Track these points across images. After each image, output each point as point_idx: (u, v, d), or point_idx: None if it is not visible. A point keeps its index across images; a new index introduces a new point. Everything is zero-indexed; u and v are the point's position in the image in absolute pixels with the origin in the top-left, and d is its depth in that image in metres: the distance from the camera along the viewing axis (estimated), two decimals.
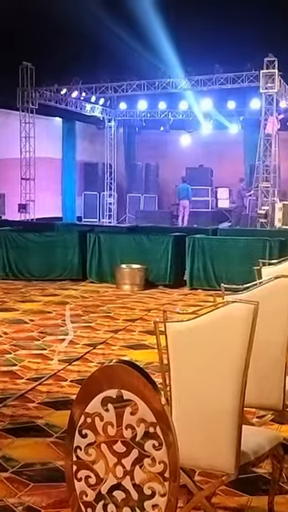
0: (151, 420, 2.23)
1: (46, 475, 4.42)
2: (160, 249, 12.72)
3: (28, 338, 8.30)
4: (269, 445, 3.69)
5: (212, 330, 3.30)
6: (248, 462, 3.46)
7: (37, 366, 6.99)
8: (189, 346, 3.34)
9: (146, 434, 2.24)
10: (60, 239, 13.50)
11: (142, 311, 10.16)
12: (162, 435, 2.23)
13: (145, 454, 2.25)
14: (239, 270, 10.96)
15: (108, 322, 9.38)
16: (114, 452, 2.29)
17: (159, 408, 2.23)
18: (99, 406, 2.30)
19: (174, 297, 11.66)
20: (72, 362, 7.13)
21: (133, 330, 8.83)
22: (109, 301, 11.15)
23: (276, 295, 4.16)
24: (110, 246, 13.08)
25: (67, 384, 6.36)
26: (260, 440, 3.67)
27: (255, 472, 4.39)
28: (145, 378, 2.23)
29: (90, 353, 7.52)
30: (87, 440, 2.33)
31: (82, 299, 11.29)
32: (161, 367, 3.53)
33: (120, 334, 8.58)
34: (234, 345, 3.28)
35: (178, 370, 3.37)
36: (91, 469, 2.34)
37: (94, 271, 13.12)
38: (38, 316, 9.68)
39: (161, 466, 2.24)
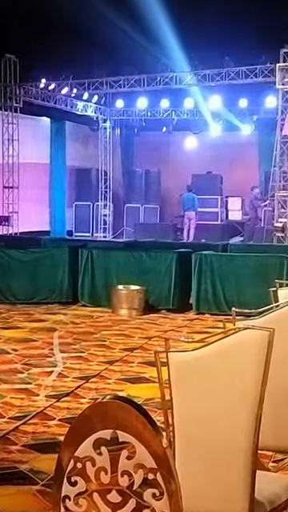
0: (151, 465, 2.23)
1: None
2: (162, 267, 12.72)
3: (11, 370, 8.27)
4: (287, 494, 3.68)
5: (221, 361, 3.30)
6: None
7: (20, 403, 6.97)
8: (195, 379, 3.34)
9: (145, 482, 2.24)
10: (47, 256, 13.51)
11: (142, 339, 10.14)
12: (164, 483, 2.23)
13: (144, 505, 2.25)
14: (253, 291, 10.96)
15: (103, 351, 9.36)
16: (108, 502, 2.29)
17: (160, 451, 2.22)
18: (91, 449, 2.29)
19: (179, 322, 11.65)
20: (61, 398, 7.11)
21: (131, 360, 8.81)
22: (103, 327, 11.14)
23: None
24: (104, 264, 13.09)
25: (55, 423, 6.34)
26: (276, 488, 3.66)
27: None
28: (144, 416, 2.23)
29: (82, 387, 7.50)
30: (77, 488, 2.33)
31: (72, 325, 11.28)
32: (162, 404, 3.52)
33: (116, 365, 8.56)
34: (246, 377, 3.27)
35: (182, 407, 3.37)
36: None
37: (86, 293, 13.12)
38: (23, 345, 9.65)
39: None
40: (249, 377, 3.27)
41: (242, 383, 3.28)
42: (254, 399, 3.28)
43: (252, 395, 3.28)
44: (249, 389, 3.28)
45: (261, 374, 3.27)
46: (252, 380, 3.27)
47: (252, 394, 3.28)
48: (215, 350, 3.31)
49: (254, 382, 3.27)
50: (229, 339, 3.30)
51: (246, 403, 3.28)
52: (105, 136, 25.41)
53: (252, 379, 3.27)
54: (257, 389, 3.28)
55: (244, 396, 3.28)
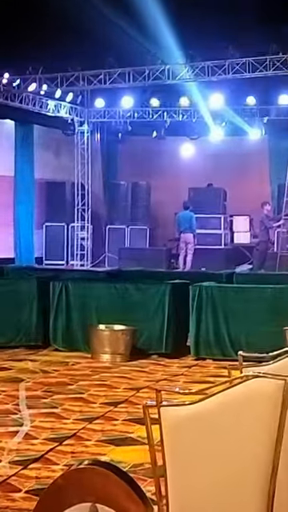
0: None
1: None
2: (153, 303, 12.76)
3: None
4: None
5: (226, 417, 3.31)
6: None
7: None
8: (193, 439, 3.35)
9: None
10: (12, 290, 13.53)
11: (128, 391, 10.14)
12: None
13: None
14: (264, 331, 10.97)
15: (80, 406, 9.34)
16: None
17: None
18: None
19: (174, 370, 11.65)
20: (28, 464, 7.08)
21: (115, 417, 8.80)
22: (81, 376, 11.13)
23: None
24: (82, 300, 13.12)
25: (21, 496, 6.30)
26: None
27: None
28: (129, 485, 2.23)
29: (54, 451, 7.47)
30: None
31: (42, 374, 11.26)
32: (154, 471, 3.52)
33: (96, 423, 8.55)
34: (257, 438, 3.28)
35: (178, 474, 3.37)
36: None
37: (59, 335, 13.13)
38: None
39: None
40: (260, 437, 3.28)
41: (251, 445, 3.29)
42: (266, 464, 3.28)
43: (264, 460, 3.28)
44: (260, 451, 3.29)
45: (275, 432, 3.28)
46: (264, 441, 3.28)
47: (264, 458, 3.28)
48: (218, 403, 3.32)
49: (266, 443, 3.28)
50: (235, 390, 3.31)
51: (257, 470, 3.28)
52: (82, 142, 25.50)
53: (264, 440, 3.28)
54: (270, 451, 3.29)
55: (254, 461, 3.29)
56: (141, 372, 11.49)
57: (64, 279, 13.64)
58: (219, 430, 3.32)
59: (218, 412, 3.32)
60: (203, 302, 12.39)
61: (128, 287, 13.14)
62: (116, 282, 14.01)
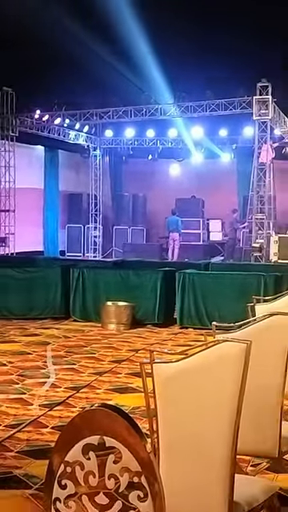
0: (136, 469, 2.22)
1: None
2: (148, 285, 12.72)
3: (6, 381, 8.23)
4: (264, 496, 3.66)
5: (202, 372, 3.29)
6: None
7: (15, 412, 6.93)
8: (178, 388, 3.33)
9: (131, 485, 2.23)
10: (41, 275, 13.48)
11: (129, 352, 10.12)
12: (148, 485, 2.22)
13: (129, 506, 2.23)
14: (232, 307, 10.89)
15: (92, 363, 9.33)
16: (96, 504, 2.27)
17: (145, 456, 2.21)
18: (80, 454, 2.28)
19: (163, 336, 11.62)
20: (53, 407, 7.08)
21: (119, 371, 8.79)
22: (93, 341, 11.11)
23: (271, 334, 4.16)
24: (94, 282, 13.07)
25: (48, 431, 6.30)
26: (254, 490, 3.64)
27: None
28: (129, 423, 2.22)
29: (73, 397, 7.47)
30: (67, 491, 2.31)
31: (64, 339, 11.24)
32: (148, 412, 3.51)
33: (105, 376, 8.54)
34: (225, 387, 3.27)
35: (165, 415, 3.35)
36: None
37: (77, 309, 13.09)
38: (18, 357, 9.61)
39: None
40: (228, 387, 3.27)
41: (221, 393, 3.28)
42: (232, 408, 3.27)
43: (231, 404, 3.27)
44: (228, 398, 3.27)
45: (239, 384, 3.27)
46: (231, 390, 3.27)
47: (231, 403, 3.27)
48: (196, 361, 3.30)
49: (232, 392, 3.27)
50: (209, 351, 3.30)
51: (225, 412, 3.27)
52: (95, 163, 25.46)
53: (231, 389, 3.27)
54: (235, 398, 3.27)
55: (223, 405, 3.27)
56: (138, 337, 11.47)
57: (81, 267, 13.58)
58: (197, 381, 3.30)
59: (197, 367, 3.30)
60: (186, 284, 12.37)
61: (129, 273, 13.11)
62: (120, 269, 13.97)
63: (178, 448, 3.34)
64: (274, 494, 3.76)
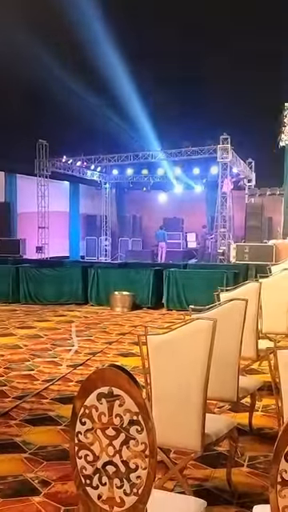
0: (135, 410, 2.22)
1: (56, 455, 4.36)
2: (144, 279, 12.72)
3: (43, 348, 8.23)
4: (226, 428, 3.67)
5: (182, 341, 3.30)
6: (211, 442, 3.45)
7: (49, 370, 6.93)
8: (164, 353, 3.34)
9: (131, 422, 2.22)
10: (67, 273, 13.48)
11: (130, 327, 10.12)
12: (144, 422, 2.21)
13: (130, 437, 2.23)
14: (203, 295, 10.86)
15: (104, 335, 9.33)
16: (107, 435, 2.27)
17: (141, 401, 2.21)
18: (95, 399, 2.28)
19: (155, 316, 11.63)
20: (76, 367, 7.08)
21: (123, 341, 8.79)
22: (105, 319, 11.11)
23: (231, 314, 4.17)
24: (105, 278, 13.07)
25: (73, 384, 6.31)
26: (220, 425, 3.65)
27: (216, 450, 4.35)
28: (129, 377, 2.22)
29: (90, 360, 7.48)
30: (86, 427, 2.31)
31: (84, 318, 11.24)
32: (143, 370, 3.52)
33: (113, 345, 8.54)
34: (199, 351, 3.28)
35: (156, 372, 3.36)
36: (89, 449, 2.31)
37: (93, 297, 13.08)
38: (51, 331, 9.61)
39: (142, 446, 2.21)
40: (200, 351, 3.28)
41: (196, 356, 3.28)
42: (204, 366, 3.28)
43: (202, 364, 3.28)
44: (200, 359, 3.28)
45: (208, 349, 3.28)
46: (203, 353, 3.28)
47: (202, 363, 3.28)
48: (178, 333, 3.31)
49: (204, 355, 3.28)
50: (187, 326, 3.31)
51: (199, 369, 3.28)
52: (105, 193, 25.43)
53: (203, 353, 3.28)
54: (206, 359, 3.28)
55: (197, 364, 3.28)
56: (137, 317, 11.47)
57: (96, 267, 13.58)
58: (179, 347, 3.31)
59: (179, 338, 3.31)
60: (170, 279, 12.37)
61: (130, 271, 13.11)
62: (123, 268, 13.96)
63: (165, 395, 3.34)
64: (234, 427, 3.77)
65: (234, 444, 3.84)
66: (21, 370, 6.91)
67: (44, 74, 16.35)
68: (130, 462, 2.22)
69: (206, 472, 4.07)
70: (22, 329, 9.85)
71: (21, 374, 6.72)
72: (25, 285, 13.27)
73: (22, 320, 10.87)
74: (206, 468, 4.12)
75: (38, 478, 3.97)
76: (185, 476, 3.76)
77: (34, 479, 3.94)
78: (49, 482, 3.90)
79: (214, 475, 4.01)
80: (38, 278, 13.29)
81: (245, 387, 4.47)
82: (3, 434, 4.78)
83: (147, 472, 2.20)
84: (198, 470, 4.09)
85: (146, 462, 2.20)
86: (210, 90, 17.66)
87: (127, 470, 2.22)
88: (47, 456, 4.34)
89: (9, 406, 5.50)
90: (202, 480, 3.94)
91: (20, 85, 16.51)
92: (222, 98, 17.71)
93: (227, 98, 17.75)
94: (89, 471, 2.29)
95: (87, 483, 2.31)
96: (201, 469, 4.11)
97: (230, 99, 17.63)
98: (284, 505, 2.03)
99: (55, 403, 5.62)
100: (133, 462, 2.21)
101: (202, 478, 3.98)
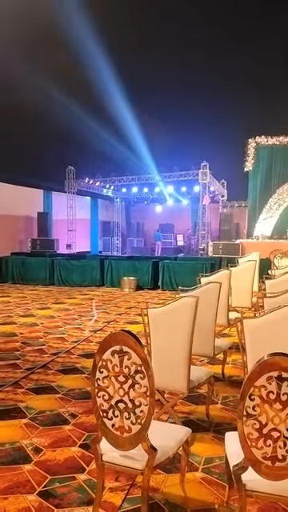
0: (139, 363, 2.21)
1: (82, 395, 4.34)
2: (145, 268, 12.69)
3: (71, 318, 8.22)
4: (206, 376, 3.66)
5: (173, 312, 3.29)
6: (194, 386, 3.44)
7: (76, 334, 6.92)
8: (160, 321, 3.33)
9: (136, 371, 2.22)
10: (89, 263, 13.45)
11: (135, 303, 10.10)
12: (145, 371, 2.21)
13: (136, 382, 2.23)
14: (189, 279, 10.91)
15: (116, 309, 9.31)
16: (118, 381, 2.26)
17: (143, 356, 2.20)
18: (110, 355, 2.27)
19: (153, 295, 11.59)
20: (96, 331, 7.08)
21: (130, 313, 8.77)
22: (116, 297, 11.08)
23: (208, 293, 4.16)
24: (117, 267, 13.04)
25: (93, 344, 6.30)
26: (201, 374, 3.65)
27: (198, 391, 4.35)
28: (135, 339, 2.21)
29: (106, 327, 7.47)
30: (103, 375, 2.31)
31: (101, 297, 11.22)
32: (145, 334, 3.51)
33: (122, 316, 8.52)
34: (185, 320, 3.27)
35: (154, 335, 3.36)
36: (106, 391, 2.31)
37: (108, 281, 13.05)
38: (77, 307, 9.59)
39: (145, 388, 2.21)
40: (187, 320, 3.27)
41: (183, 323, 3.27)
42: (189, 331, 3.27)
43: (188, 329, 3.27)
44: (187, 326, 3.27)
45: (192, 318, 3.26)
46: (188, 322, 3.27)
47: (188, 328, 3.27)
48: (170, 307, 3.30)
49: (189, 323, 3.27)
50: (177, 302, 3.30)
51: (185, 333, 3.27)
52: (117, 205, 25.34)
53: (188, 321, 3.27)
54: (190, 326, 3.27)
55: (184, 329, 3.27)
56: (140, 296, 11.43)
57: (110, 259, 13.55)
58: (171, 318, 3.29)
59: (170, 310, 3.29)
60: (164, 268, 12.34)
61: (135, 262, 13.07)
62: (130, 260, 13.90)
63: (160, 352, 3.33)
64: (211, 375, 3.76)
65: (211, 387, 3.84)
66: (55, 334, 6.90)
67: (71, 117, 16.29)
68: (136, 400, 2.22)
69: (191, 408, 4.07)
70: (56, 304, 9.84)
71: (55, 337, 6.71)
72: (58, 272, 13.25)
73: (56, 297, 10.86)
74: (190, 405, 4.12)
75: (69, 412, 3.96)
76: (175, 411, 3.76)
77: (64, 413, 3.94)
78: (77, 415, 3.90)
79: (197, 410, 4.01)
80: (67, 267, 13.28)
81: (219, 346, 4.46)
82: (43, 380, 4.78)
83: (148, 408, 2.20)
84: (185, 406, 4.09)
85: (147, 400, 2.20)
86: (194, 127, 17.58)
87: (133, 406, 2.23)
88: (75, 396, 4.33)
89: (46, 360, 5.50)
90: (187, 413, 3.94)
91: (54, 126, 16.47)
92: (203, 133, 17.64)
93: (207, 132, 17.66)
94: (105, 407, 2.30)
95: (104, 415, 2.31)
96: (187, 405, 4.11)
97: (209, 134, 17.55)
98: (248, 432, 2.03)
99: (81, 358, 5.61)
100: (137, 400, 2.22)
101: (188, 412, 3.98)
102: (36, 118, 15.66)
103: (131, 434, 2.25)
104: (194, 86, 16.41)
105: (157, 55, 16.30)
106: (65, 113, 16.21)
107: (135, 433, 2.25)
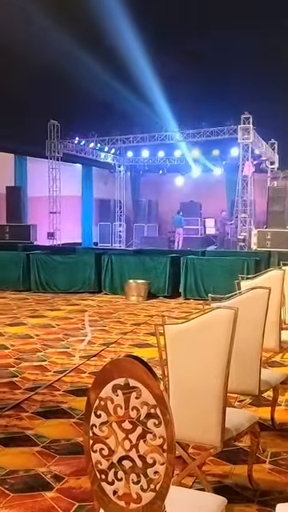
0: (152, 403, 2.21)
1: (69, 449, 4.40)
2: (160, 267, 12.72)
3: (55, 339, 8.29)
4: (248, 423, 3.67)
5: (201, 331, 3.29)
6: (231, 437, 3.45)
7: (62, 361, 6.98)
8: (182, 344, 3.33)
9: (148, 415, 2.22)
10: (80, 260, 13.52)
11: (146, 317, 10.14)
12: (161, 415, 2.21)
13: (147, 431, 2.23)
14: (223, 283, 10.87)
15: (119, 325, 9.36)
16: (123, 429, 2.27)
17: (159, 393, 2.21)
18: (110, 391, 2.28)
19: (171, 305, 11.63)
20: (90, 358, 7.12)
21: (138, 332, 8.81)
22: (119, 309, 11.13)
23: (252, 302, 4.15)
24: (120, 265, 13.09)
25: (86, 375, 6.35)
26: (241, 419, 3.65)
27: (237, 445, 4.36)
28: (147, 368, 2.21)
29: (105, 351, 7.51)
30: (101, 419, 2.31)
31: (97, 308, 11.28)
32: (161, 362, 3.52)
33: (128, 335, 8.57)
34: (219, 342, 3.27)
35: (174, 363, 3.36)
36: (104, 443, 2.32)
37: (107, 285, 13.12)
38: (63, 321, 9.66)
39: (160, 440, 2.22)
40: (221, 342, 3.27)
41: (216, 347, 3.27)
42: (224, 358, 3.27)
43: (223, 355, 3.27)
44: (221, 350, 3.27)
45: (229, 340, 3.26)
46: (223, 344, 3.27)
47: (223, 354, 3.27)
48: (197, 323, 3.30)
49: (224, 346, 3.27)
50: (206, 315, 3.30)
51: (219, 360, 3.27)
52: (119, 176, 25.41)
53: (223, 344, 3.26)
54: (226, 350, 3.27)
55: (217, 356, 3.27)
56: (153, 306, 11.49)
57: (110, 254, 13.60)
58: (197, 338, 3.30)
59: (197, 328, 3.30)
60: (188, 266, 12.35)
61: (145, 258, 13.11)
62: (139, 255, 13.94)
63: (183, 388, 3.34)
64: (255, 422, 3.76)
65: (256, 439, 3.84)
66: (32, 361, 6.96)
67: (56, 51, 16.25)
68: (147, 456, 2.22)
69: (226, 468, 4.08)
70: (33, 318, 9.91)
71: (32, 365, 6.77)
72: (36, 272, 13.35)
73: (33, 309, 10.94)
74: (225, 464, 4.13)
75: (51, 472, 4.00)
76: (204, 472, 3.78)
77: (46, 474, 3.98)
78: (62, 476, 3.94)
79: (235, 472, 4.02)
80: (49, 266, 13.36)
81: (267, 380, 4.46)
82: (14, 426, 4.83)
83: (165, 467, 2.20)
84: (218, 466, 4.10)
85: (163, 456, 2.20)
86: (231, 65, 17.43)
87: (144, 464, 2.23)
88: (60, 450, 4.37)
89: (20, 397, 5.55)
90: (221, 476, 3.95)
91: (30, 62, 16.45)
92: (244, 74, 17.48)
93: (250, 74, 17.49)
94: (104, 466, 2.31)
95: (102, 478, 2.32)
96: (220, 465, 4.12)
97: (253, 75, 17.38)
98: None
99: (68, 395, 5.66)
100: (150, 456, 2.22)
101: (222, 474, 3.99)
102: (5, 51, 15.67)
103: (141, 504, 2.26)
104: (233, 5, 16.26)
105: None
106: (47, 44, 16.19)
107: (147, 503, 2.25)
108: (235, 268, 11.46)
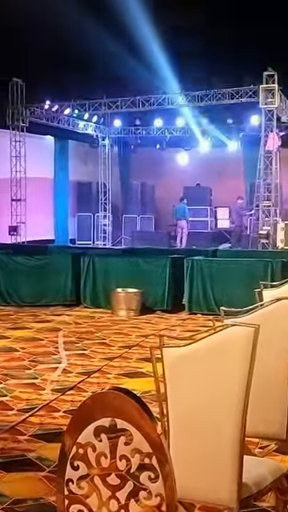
0: (147, 450, 2.23)
1: (37, 511, 4.39)
2: (157, 272, 12.72)
3: (19, 366, 8.26)
4: (272, 476, 3.67)
5: (211, 356, 3.29)
6: (250, 495, 3.45)
7: (28, 396, 6.96)
8: (186, 372, 3.33)
9: (142, 466, 2.23)
10: (52, 263, 13.51)
11: (139, 337, 10.13)
12: (159, 466, 2.22)
13: (140, 487, 2.24)
14: (240, 292, 10.86)
15: (103, 349, 9.35)
16: (108, 485, 2.28)
17: (155, 438, 2.22)
18: (92, 435, 2.29)
19: (172, 322, 11.63)
20: (65, 391, 7.10)
21: (129, 357, 8.81)
22: (104, 327, 11.12)
23: (278, 318, 4.16)
24: (104, 270, 13.09)
25: (60, 415, 6.34)
26: (263, 471, 3.65)
27: (258, 506, 4.36)
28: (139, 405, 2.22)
29: (84, 382, 7.49)
30: (79, 472, 2.33)
31: (75, 325, 11.26)
32: (158, 396, 3.51)
33: (116, 361, 8.55)
34: (233, 371, 3.27)
35: (175, 399, 3.36)
36: (84, 503, 2.33)
37: (88, 296, 13.12)
38: (30, 343, 9.64)
39: (157, 499, 2.23)
40: (236, 370, 3.27)
41: (229, 377, 3.28)
42: (240, 392, 3.27)
43: (239, 387, 3.27)
44: (236, 381, 3.27)
45: (247, 367, 3.27)
46: (239, 373, 3.27)
47: (239, 386, 3.27)
48: (205, 345, 3.30)
49: (240, 376, 3.27)
50: (217, 335, 3.29)
51: (234, 394, 3.27)
52: (104, 153, 25.45)
53: (239, 373, 3.27)
54: (243, 381, 3.27)
55: (232, 388, 3.27)
56: (148, 323, 11.48)
57: (91, 255, 13.60)
58: (205, 365, 3.30)
59: (205, 351, 3.30)
60: (194, 271, 12.37)
61: (138, 261, 13.12)
62: (129, 256, 13.96)
63: (187, 430, 3.34)
64: (282, 474, 3.76)
65: (283, 497, 3.85)
66: None
67: None
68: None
69: None
70: None
71: None
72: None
73: None
74: None
75: None
76: None
77: None
78: None
79: None
80: (11, 270, 13.34)
81: None
82: None
83: None
84: None
85: None
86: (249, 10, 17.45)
87: None
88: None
89: None
90: None
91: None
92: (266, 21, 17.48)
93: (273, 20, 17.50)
94: None
95: None
96: None
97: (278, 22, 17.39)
98: None
99: (36, 441, 5.65)
100: None
101: None
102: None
103: None
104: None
105: None
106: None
107: None
108: (255, 273, 11.48)
